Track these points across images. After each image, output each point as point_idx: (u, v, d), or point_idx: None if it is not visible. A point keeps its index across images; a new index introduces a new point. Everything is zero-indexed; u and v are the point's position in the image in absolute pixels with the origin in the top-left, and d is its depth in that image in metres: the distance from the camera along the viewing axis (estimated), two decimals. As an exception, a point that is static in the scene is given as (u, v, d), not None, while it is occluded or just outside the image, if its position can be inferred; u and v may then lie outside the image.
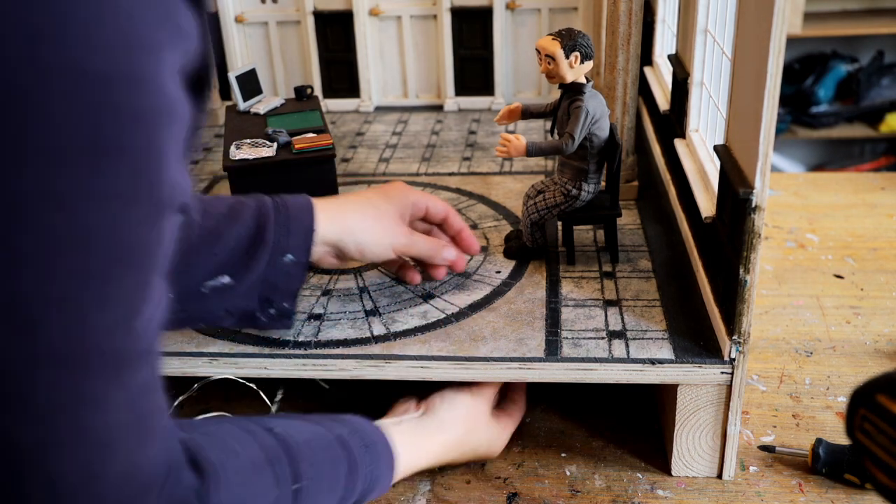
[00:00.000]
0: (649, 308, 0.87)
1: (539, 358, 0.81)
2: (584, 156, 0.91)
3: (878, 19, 2.87)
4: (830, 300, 1.11)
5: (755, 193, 0.71)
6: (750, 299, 0.74)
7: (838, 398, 0.93)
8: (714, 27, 0.95)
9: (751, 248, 0.73)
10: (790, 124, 2.92)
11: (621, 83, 1.06)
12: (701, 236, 0.91)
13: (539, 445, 0.89)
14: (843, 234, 1.27)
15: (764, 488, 0.82)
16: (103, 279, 0.40)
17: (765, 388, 0.95)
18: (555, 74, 0.87)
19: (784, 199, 1.39)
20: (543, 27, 1.46)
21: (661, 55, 1.30)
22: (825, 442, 0.83)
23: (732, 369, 0.78)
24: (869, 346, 1.02)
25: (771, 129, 0.69)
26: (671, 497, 0.82)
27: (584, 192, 0.92)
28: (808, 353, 1.01)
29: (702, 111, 1.00)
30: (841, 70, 2.90)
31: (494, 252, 1.00)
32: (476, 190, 1.17)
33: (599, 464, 0.86)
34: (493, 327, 0.85)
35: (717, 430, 0.81)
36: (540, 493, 0.83)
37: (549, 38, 0.86)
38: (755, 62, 0.70)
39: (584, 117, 0.87)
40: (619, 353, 0.81)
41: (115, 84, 0.37)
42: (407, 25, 1.47)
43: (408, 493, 0.84)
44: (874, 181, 1.46)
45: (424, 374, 0.83)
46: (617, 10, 1.01)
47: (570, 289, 0.92)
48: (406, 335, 0.85)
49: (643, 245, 1.00)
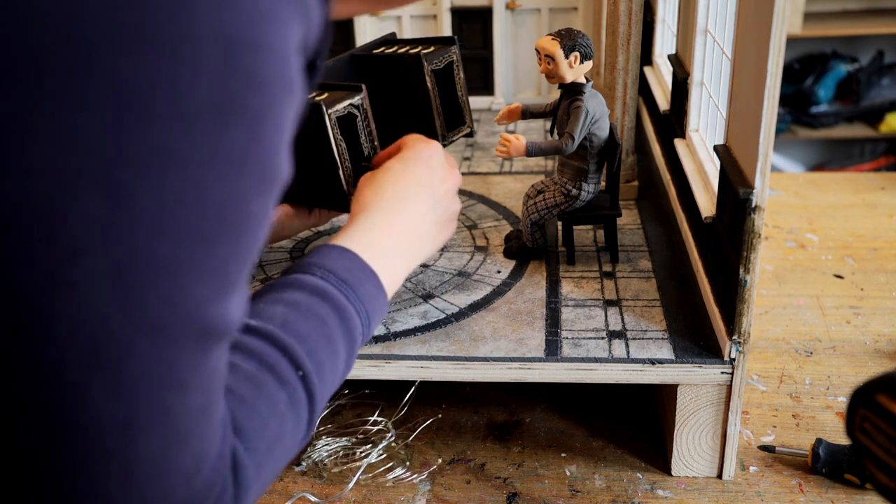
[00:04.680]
0: (649, 308, 0.87)
1: (539, 358, 0.81)
2: (584, 156, 0.91)
3: (878, 19, 2.86)
4: (830, 300, 1.11)
5: (755, 193, 0.71)
6: (750, 299, 0.74)
7: (838, 398, 0.93)
8: (714, 27, 0.95)
9: (751, 248, 0.73)
10: (790, 124, 2.92)
11: (621, 83, 1.06)
12: (701, 236, 0.91)
13: (539, 445, 0.89)
14: (843, 234, 1.27)
15: (764, 488, 0.82)
16: (208, 245, 0.39)
17: (765, 388, 0.96)
18: (554, 74, 0.87)
19: (784, 199, 1.39)
20: (543, 27, 1.46)
21: (661, 55, 1.30)
22: (825, 442, 0.83)
23: (732, 369, 0.78)
24: (869, 346, 1.02)
25: (771, 129, 0.69)
26: (671, 497, 0.82)
27: (584, 192, 0.92)
28: (808, 353, 1.01)
29: (702, 111, 1.00)
30: (841, 70, 2.90)
31: (494, 252, 1.00)
32: (476, 190, 1.17)
33: (599, 464, 0.86)
34: (493, 327, 0.85)
35: (717, 430, 0.81)
36: (540, 493, 0.83)
37: (548, 38, 0.86)
38: (755, 62, 0.70)
39: (584, 117, 0.87)
40: (619, 353, 0.81)
41: (245, 49, 0.37)
42: (407, 25, 1.47)
43: (408, 493, 0.84)
44: (874, 181, 1.46)
45: (424, 374, 0.83)
46: (617, 10, 1.01)
47: (570, 289, 0.92)
48: (406, 335, 0.85)
49: (643, 245, 1.00)
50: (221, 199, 0.39)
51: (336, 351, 0.59)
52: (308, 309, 0.58)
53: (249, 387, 0.51)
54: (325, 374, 0.57)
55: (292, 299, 0.59)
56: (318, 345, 0.57)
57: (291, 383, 0.54)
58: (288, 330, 0.56)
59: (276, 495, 0.84)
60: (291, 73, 0.40)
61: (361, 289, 0.62)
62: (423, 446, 0.90)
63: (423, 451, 0.89)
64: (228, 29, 0.36)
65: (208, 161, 0.37)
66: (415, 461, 0.88)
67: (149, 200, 0.36)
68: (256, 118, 0.39)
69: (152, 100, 0.35)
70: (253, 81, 0.38)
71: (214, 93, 0.37)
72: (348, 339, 0.60)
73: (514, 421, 0.93)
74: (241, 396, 0.50)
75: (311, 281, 0.60)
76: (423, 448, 0.90)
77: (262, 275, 0.96)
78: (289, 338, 0.55)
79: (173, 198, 0.36)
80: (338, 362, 0.59)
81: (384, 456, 0.88)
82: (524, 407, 0.95)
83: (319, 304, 0.59)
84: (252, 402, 0.50)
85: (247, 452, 0.48)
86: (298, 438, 0.54)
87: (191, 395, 0.41)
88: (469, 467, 0.87)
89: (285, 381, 0.53)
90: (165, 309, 0.38)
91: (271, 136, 0.40)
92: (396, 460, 0.88)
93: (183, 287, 0.38)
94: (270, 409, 0.52)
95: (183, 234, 0.37)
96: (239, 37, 0.37)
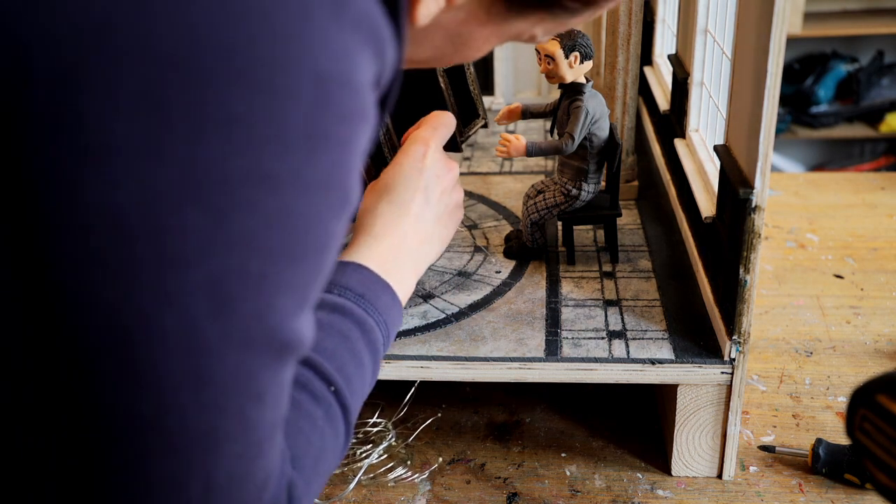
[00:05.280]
0: (649, 308, 0.87)
1: (539, 358, 0.81)
2: (584, 156, 0.91)
3: (878, 19, 2.87)
4: (830, 300, 1.11)
5: (755, 193, 0.71)
6: (750, 299, 0.74)
7: (838, 398, 0.93)
8: (714, 27, 0.95)
9: (751, 248, 0.73)
10: (790, 124, 2.92)
11: (621, 83, 1.06)
12: (701, 236, 0.91)
13: (539, 445, 0.89)
14: (843, 234, 1.27)
15: (764, 488, 0.82)
16: (295, 263, 0.42)
17: (765, 388, 0.96)
18: (554, 74, 0.87)
19: (784, 199, 1.39)
20: (543, 27, 1.45)
21: (661, 55, 1.30)
22: (825, 442, 0.83)
23: (732, 369, 0.78)
24: (869, 346, 1.02)
25: (771, 129, 0.69)
26: (671, 497, 0.82)
27: (584, 192, 0.92)
28: (808, 353, 1.01)
29: (702, 111, 1.00)
30: (841, 70, 2.90)
31: (494, 252, 1.00)
32: (476, 190, 1.17)
33: (599, 464, 0.86)
34: (493, 327, 0.85)
35: (717, 430, 0.81)
36: (540, 493, 0.83)
37: (548, 38, 0.86)
38: (755, 62, 0.70)
39: (584, 117, 0.87)
40: (619, 353, 0.81)
41: (335, 85, 0.41)
42: (407, 25, 1.47)
43: (408, 493, 0.84)
44: (874, 181, 1.46)
45: (424, 374, 0.83)
46: (617, 10, 1.01)
47: (570, 289, 0.92)
48: (406, 335, 0.85)
49: (643, 245, 1.00)
50: (308, 219, 0.42)
51: (362, 363, 0.61)
52: (331, 326, 0.61)
53: (289, 406, 0.53)
54: (354, 386, 0.59)
55: (315, 319, 0.60)
56: (345, 359, 0.59)
57: (326, 399, 0.56)
58: (315, 349, 0.58)
59: (276, 495, 0.84)
60: (369, 107, 0.44)
61: (378, 301, 0.65)
62: (423, 446, 0.90)
63: (423, 451, 0.89)
64: (321, 66, 0.40)
65: (300, 185, 0.41)
66: (415, 461, 0.88)
67: (246, 218, 0.39)
68: (341, 147, 0.43)
69: (255, 128, 0.39)
70: (340, 114, 0.42)
71: (308, 123, 0.40)
72: (372, 350, 0.62)
73: (514, 421, 0.93)
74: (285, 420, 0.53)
75: (330, 299, 0.63)
76: (423, 448, 0.90)
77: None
78: (317, 356, 0.58)
79: (267, 217, 0.40)
80: (365, 374, 0.61)
81: (385, 456, 0.88)
82: (524, 407, 0.95)
83: (341, 321, 0.61)
84: (293, 420, 0.53)
85: (295, 470, 0.51)
86: (339, 451, 0.57)
87: (267, 408, 0.44)
88: (469, 467, 0.87)
89: (320, 397, 0.56)
90: (254, 322, 0.41)
91: (351, 162, 0.44)
92: (397, 460, 0.88)
93: (270, 302, 0.41)
94: (310, 425, 0.54)
95: (274, 251, 0.41)
96: (330, 74, 0.41)
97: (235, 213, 0.39)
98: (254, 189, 0.39)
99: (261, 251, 0.40)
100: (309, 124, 0.40)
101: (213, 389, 0.40)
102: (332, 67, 0.41)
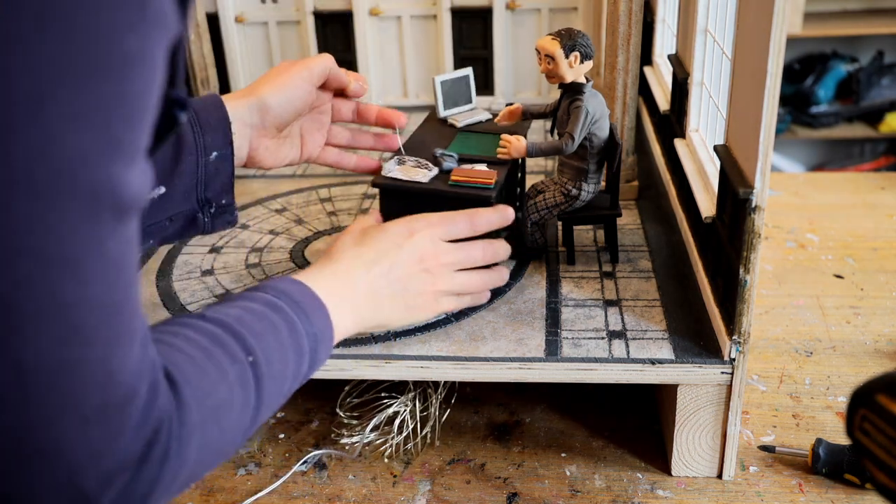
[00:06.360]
0: (649, 308, 0.87)
1: (539, 358, 0.81)
2: (584, 156, 0.91)
3: (878, 19, 2.87)
4: (830, 300, 1.11)
5: (755, 193, 0.71)
6: (750, 299, 0.74)
7: (838, 398, 0.93)
8: (714, 27, 0.95)
9: (751, 248, 0.73)
10: (790, 124, 2.92)
11: (621, 83, 1.06)
12: (701, 236, 0.91)
13: (539, 445, 0.89)
14: (843, 234, 1.27)
15: (764, 488, 0.82)
16: (82, 81, 0.35)
17: (765, 388, 0.96)
18: (555, 74, 0.87)
19: (784, 199, 1.39)
20: (543, 27, 1.45)
21: (661, 55, 1.30)
22: (825, 442, 0.83)
23: (732, 369, 0.78)
24: (869, 346, 1.02)
25: (771, 129, 0.69)
26: (671, 497, 0.82)
27: (584, 192, 0.92)
28: (808, 353, 1.01)
29: (702, 111, 1.00)
30: (841, 70, 2.90)
31: (494, 252, 1.00)
32: (476, 190, 1.17)
33: (599, 464, 0.86)
34: (493, 327, 0.85)
35: (717, 430, 0.81)
36: (540, 493, 0.83)
37: (548, 38, 0.86)
38: (755, 62, 0.70)
39: (584, 117, 0.87)
40: (619, 353, 0.81)
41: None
42: (407, 25, 1.47)
43: (408, 493, 0.84)
44: (874, 181, 1.46)
45: (424, 374, 0.83)
46: (617, 10, 1.01)
47: (570, 289, 0.92)
48: (406, 335, 0.85)
49: (643, 245, 1.00)
50: (91, 31, 0.35)
51: (286, 358, 0.60)
52: (262, 314, 0.60)
53: (199, 352, 0.51)
54: (274, 372, 0.57)
55: (247, 305, 0.61)
56: (270, 345, 0.58)
57: (241, 362, 0.54)
58: (242, 324, 0.57)
59: (276, 495, 0.84)
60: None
61: (313, 315, 0.64)
62: (424, 446, 0.90)
63: (423, 451, 0.89)
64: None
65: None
66: (415, 461, 0.88)
67: (9, 21, 0.33)
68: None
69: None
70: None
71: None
72: (297, 351, 0.61)
73: (514, 421, 0.93)
74: (189, 355, 0.50)
75: (265, 296, 0.63)
76: (423, 448, 0.90)
77: (263, 275, 0.97)
78: (242, 328, 0.56)
79: (36, 18, 0.33)
80: (286, 371, 0.60)
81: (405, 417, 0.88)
82: (524, 407, 0.95)
83: (272, 314, 0.61)
84: (201, 362, 0.50)
85: (193, 397, 0.47)
86: (245, 421, 0.54)
87: (88, 285, 0.37)
88: (469, 467, 0.87)
89: (236, 358, 0.54)
90: (40, 159, 0.34)
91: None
92: (397, 460, 0.88)
93: (60, 135, 0.35)
94: (220, 374, 0.52)
95: (52, 63, 0.34)
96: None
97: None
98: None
99: (31, 63, 0.33)
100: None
101: (2, 251, 0.34)
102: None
